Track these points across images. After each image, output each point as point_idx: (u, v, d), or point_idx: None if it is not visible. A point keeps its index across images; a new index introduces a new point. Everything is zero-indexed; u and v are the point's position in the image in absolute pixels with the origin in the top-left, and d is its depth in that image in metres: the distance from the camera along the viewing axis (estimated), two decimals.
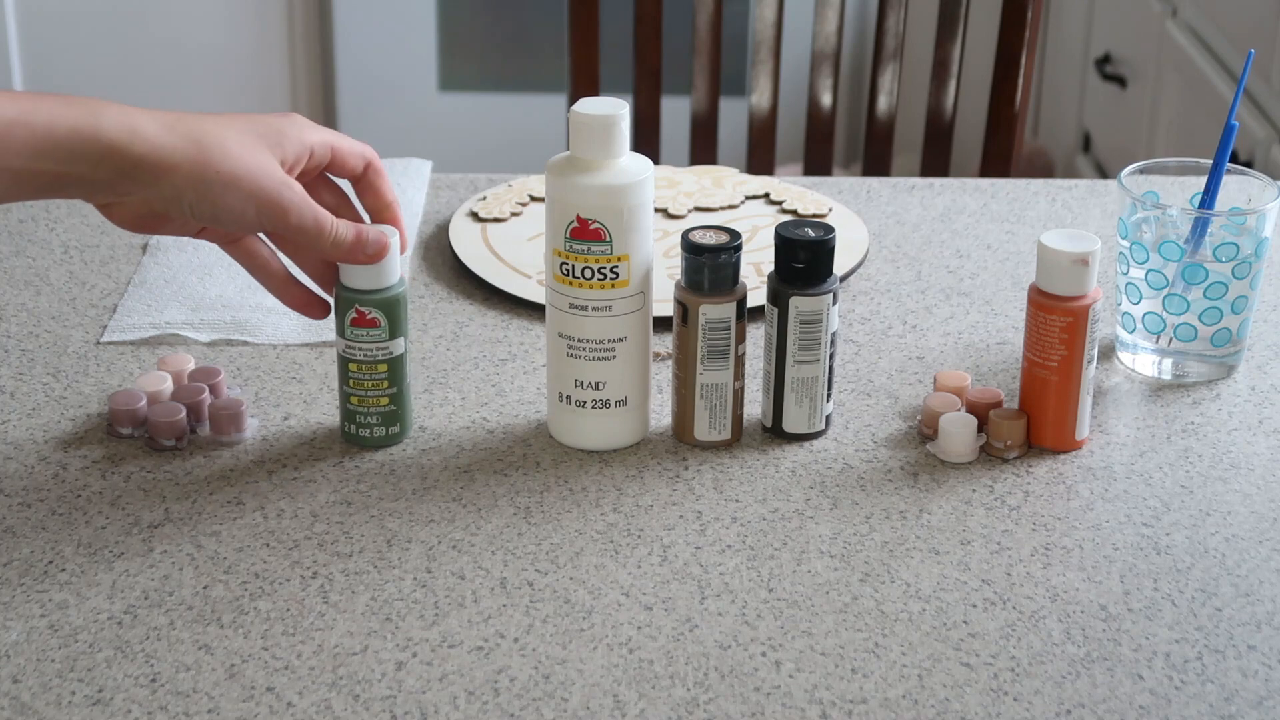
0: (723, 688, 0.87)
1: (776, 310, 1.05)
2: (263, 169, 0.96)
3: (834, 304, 1.06)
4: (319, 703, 0.86)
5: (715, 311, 1.04)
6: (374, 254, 1.01)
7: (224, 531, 0.99)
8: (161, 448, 1.06)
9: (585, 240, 1.02)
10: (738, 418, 1.07)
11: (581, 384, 1.05)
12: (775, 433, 1.08)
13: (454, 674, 0.88)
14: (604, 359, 1.05)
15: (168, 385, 1.10)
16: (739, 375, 1.06)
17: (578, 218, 1.02)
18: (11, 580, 0.94)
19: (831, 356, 1.07)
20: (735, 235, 1.04)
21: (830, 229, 1.05)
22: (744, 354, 1.06)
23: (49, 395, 1.12)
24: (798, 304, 1.05)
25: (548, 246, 1.04)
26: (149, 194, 0.95)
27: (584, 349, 1.05)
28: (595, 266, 1.03)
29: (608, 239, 1.02)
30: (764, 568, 0.96)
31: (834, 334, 1.06)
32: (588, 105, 1.02)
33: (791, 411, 1.07)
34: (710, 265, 1.04)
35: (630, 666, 0.88)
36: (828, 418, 1.08)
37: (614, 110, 1.01)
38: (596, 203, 1.01)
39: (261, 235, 1.02)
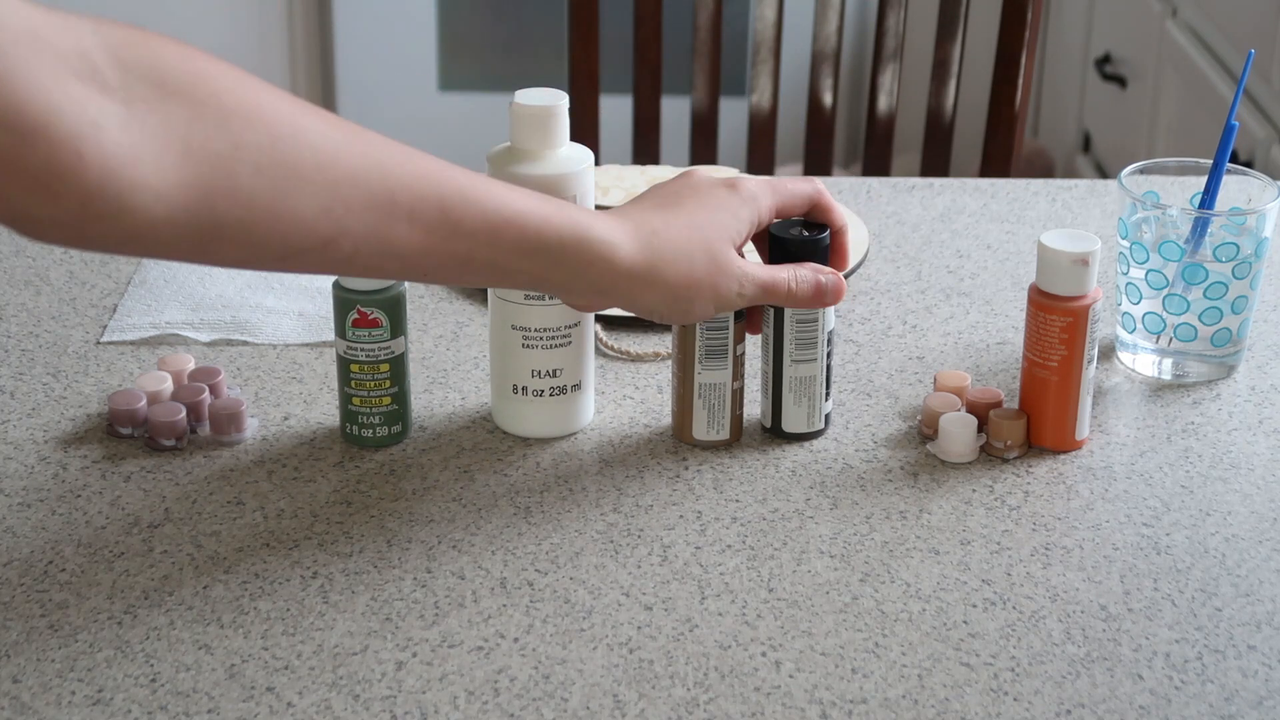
0: (723, 688, 0.87)
1: (773, 310, 1.05)
2: (722, 272, 0.99)
3: None
4: (319, 703, 0.86)
5: None
6: (834, 300, 1.04)
7: (224, 531, 0.99)
8: (161, 448, 1.06)
9: None
10: (737, 418, 1.07)
11: (538, 373, 1.06)
12: (775, 433, 1.08)
13: (454, 674, 0.88)
14: (560, 345, 1.05)
15: (168, 385, 1.10)
16: (738, 375, 1.06)
17: None
18: (11, 580, 0.94)
19: (829, 355, 1.07)
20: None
21: (824, 228, 1.05)
22: (743, 354, 1.06)
23: (49, 395, 1.12)
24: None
25: None
26: (619, 304, 0.99)
27: (540, 338, 1.05)
28: None
29: None
30: (764, 568, 0.96)
31: (831, 333, 1.06)
32: (528, 96, 1.03)
33: (790, 411, 1.07)
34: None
35: (630, 666, 0.88)
36: (827, 417, 1.08)
37: (554, 101, 1.03)
38: (550, 192, 1.02)
39: None
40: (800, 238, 1.04)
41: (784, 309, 1.05)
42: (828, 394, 1.08)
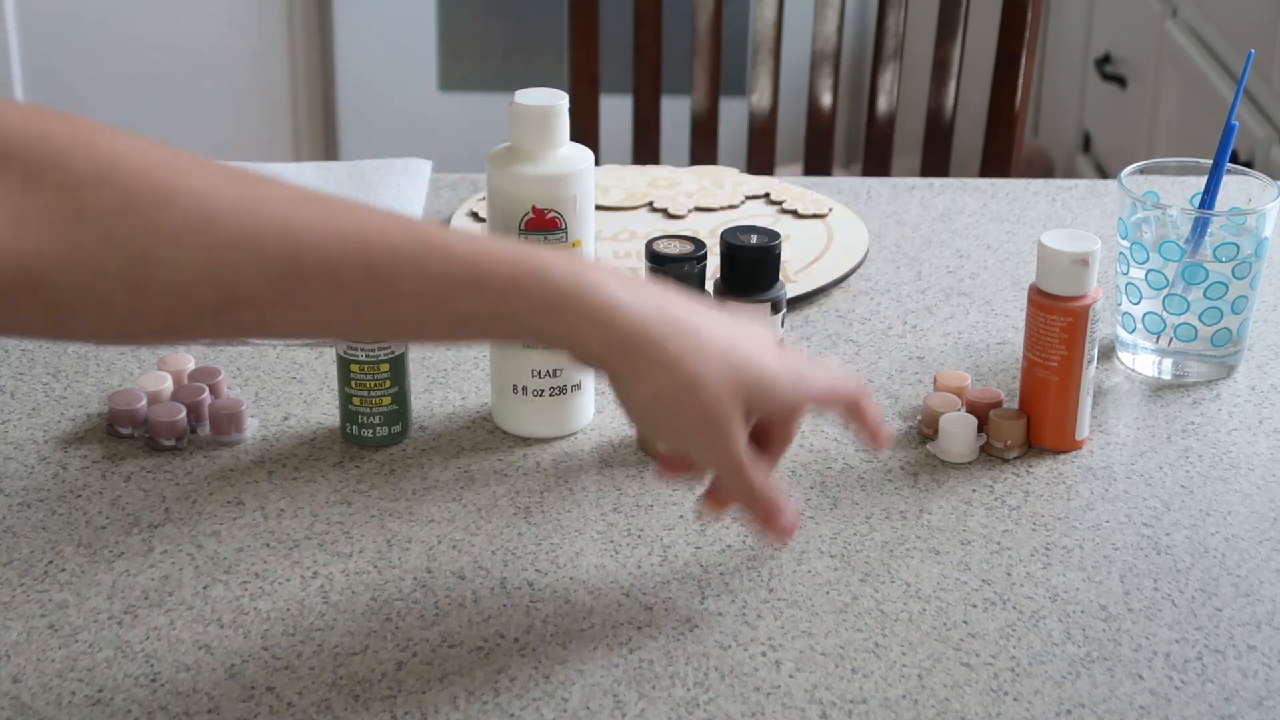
0: (723, 688, 0.87)
1: None
2: (730, 437, 0.87)
3: (774, 313, 1.04)
4: (319, 703, 0.86)
5: None
6: (782, 533, 0.91)
7: (224, 531, 0.99)
8: (161, 448, 1.06)
9: (542, 230, 1.03)
10: None
11: (538, 373, 1.06)
12: None
13: (454, 674, 0.88)
14: None
15: (168, 385, 1.10)
16: None
17: (533, 208, 1.02)
18: (11, 580, 0.94)
19: None
20: (700, 245, 1.04)
21: (775, 235, 1.04)
22: None
23: (49, 395, 1.12)
24: (733, 310, 1.04)
25: None
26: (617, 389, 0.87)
27: None
28: None
29: (564, 227, 1.03)
30: (764, 568, 0.96)
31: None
32: (528, 96, 1.03)
33: None
34: (673, 276, 1.03)
35: (630, 666, 0.88)
36: None
37: (554, 101, 1.03)
38: (552, 192, 1.02)
39: None
40: (746, 244, 1.03)
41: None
42: None
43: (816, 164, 1.90)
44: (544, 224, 1.03)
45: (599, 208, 1.38)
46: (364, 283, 0.80)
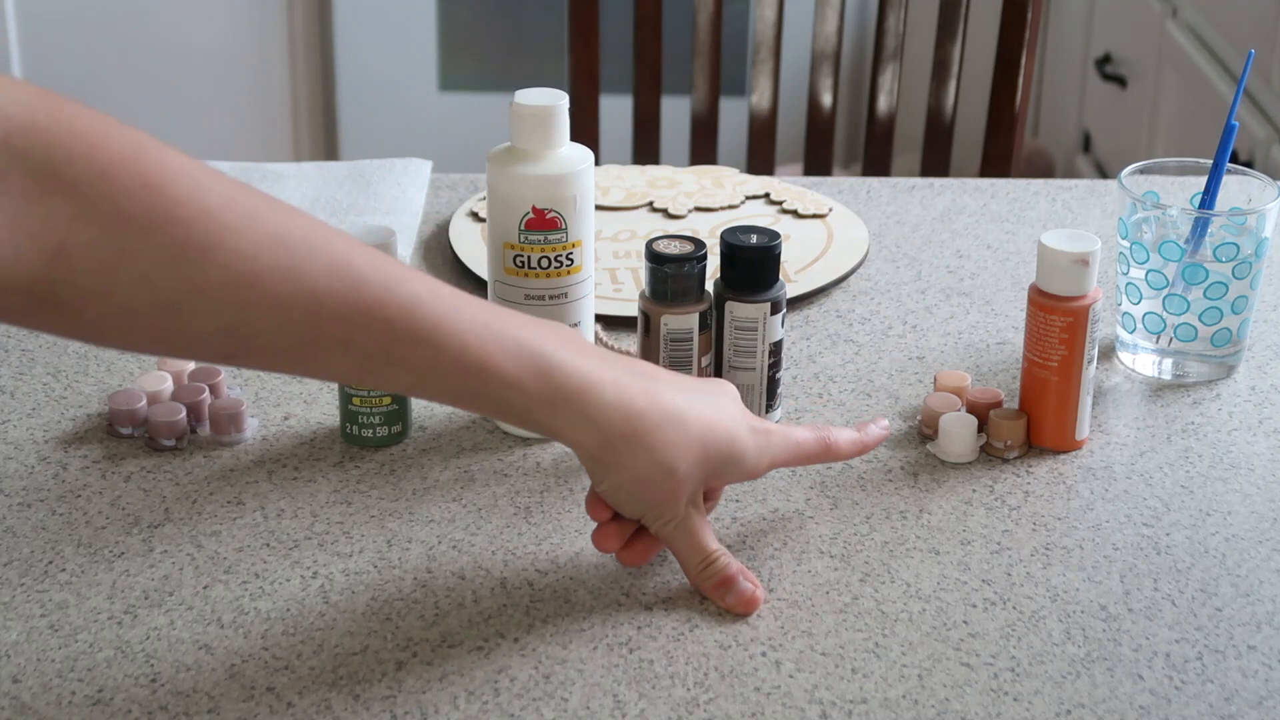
0: (723, 688, 0.87)
1: (718, 313, 1.05)
2: (694, 526, 0.93)
3: (774, 313, 1.05)
4: (319, 703, 0.86)
5: (677, 323, 1.04)
6: (739, 604, 0.93)
7: (224, 531, 0.99)
8: (161, 448, 1.06)
9: (542, 230, 1.03)
10: None
11: None
12: None
13: (454, 674, 0.88)
14: None
15: (168, 385, 1.10)
16: None
17: (533, 208, 1.02)
18: (11, 580, 0.94)
19: (772, 367, 1.06)
20: (700, 245, 1.04)
21: (775, 235, 1.05)
22: (709, 365, 1.06)
23: (49, 395, 1.12)
24: (733, 309, 1.05)
25: (494, 241, 1.05)
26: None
27: None
28: (551, 255, 1.03)
29: (564, 227, 1.03)
30: (764, 568, 0.96)
31: (776, 344, 1.05)
32: (528, 96, 1.03)
33: None
34: (673, 275, 1.03)
35: (630, 666, 0.88)
36: None
37: (554, 101, 1.03)
38: (552, 192, 1.02)
39: None
40: (746, 244, 1.03)
41: (724, 315, 1.04)
42: (770, 405, 1.07)
43: (816, 164, 1.90)
44: (544, 224, 1.03)
45: (599, 208, 1.38)
46: (376, 354, 0.84)
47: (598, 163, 1.47)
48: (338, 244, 0.83)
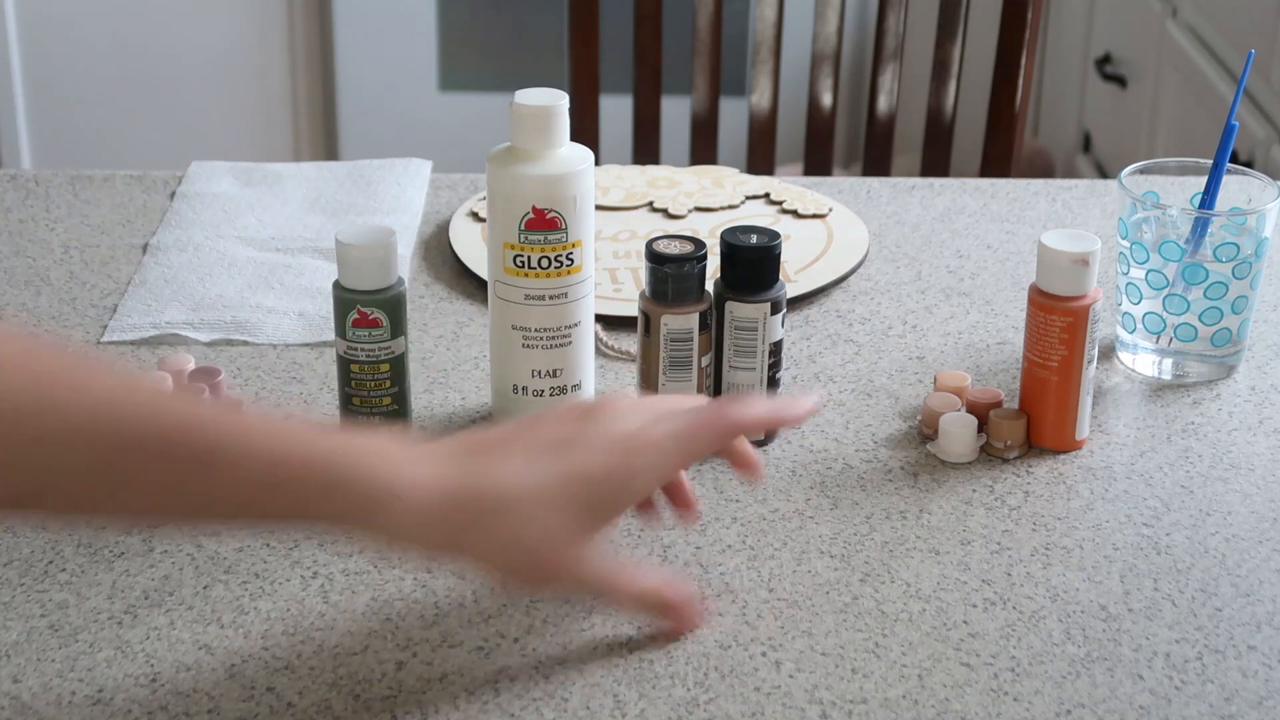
0: (723, 688, 0.87)
1: (718, 313, 1.05)
2: (576, 578, 0.87)
3: (774, 313, 1.05)
4: (319, 703, 0.86)
5: (677, 323, 1.04)
6: (680, 624, 0.91)
7: (224, 531, 0.99)
8: None
9: (542, 230, 1.03)
10: None
11: (538, 373, 1.06)
12: None
13: (454, 674, 0.88)
14: (561, 345, 1.06)
15: (168, 386, 1.09)
16: (702, 387, 1.06)
17: (533, 208, 1.02)
18: (11, 580, 0.94)
19: (772, 367, 1.06)
20: (700, 245, 1.04)
21: (775, 235, 1.05)
22: (709, 365, 1.06)
23: None
24: (733, 309, 1.05)
25: (494, 241, 1.05)
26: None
27: (540, 338, 1.05)
28: (551, 255, 1.03)
29: (564, 227, 1.03)
30: (764, 568, 0.96)
31: (776, 344, 1.05)
32: (528, 96, 1.03)
33: None
34: (673, 275, 1.03)
35: (630, 666, 0.88)
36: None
37: (554, 101, 1.03)
38: (552, 192, 1.02)
39: None
40: (746, 244, 1.03)
41: (724, 314, 1.04)
42: None
43: (816, 164, 1.90)
44: (544, 224, 1.03)
45: (599, 208, 1.38)
46: (159, 483, 0.77)
47: (598, 163, 1.47)
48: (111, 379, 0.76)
